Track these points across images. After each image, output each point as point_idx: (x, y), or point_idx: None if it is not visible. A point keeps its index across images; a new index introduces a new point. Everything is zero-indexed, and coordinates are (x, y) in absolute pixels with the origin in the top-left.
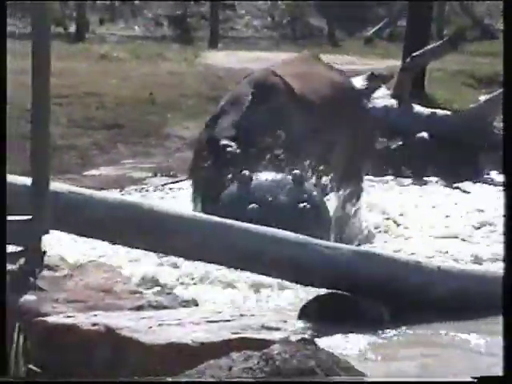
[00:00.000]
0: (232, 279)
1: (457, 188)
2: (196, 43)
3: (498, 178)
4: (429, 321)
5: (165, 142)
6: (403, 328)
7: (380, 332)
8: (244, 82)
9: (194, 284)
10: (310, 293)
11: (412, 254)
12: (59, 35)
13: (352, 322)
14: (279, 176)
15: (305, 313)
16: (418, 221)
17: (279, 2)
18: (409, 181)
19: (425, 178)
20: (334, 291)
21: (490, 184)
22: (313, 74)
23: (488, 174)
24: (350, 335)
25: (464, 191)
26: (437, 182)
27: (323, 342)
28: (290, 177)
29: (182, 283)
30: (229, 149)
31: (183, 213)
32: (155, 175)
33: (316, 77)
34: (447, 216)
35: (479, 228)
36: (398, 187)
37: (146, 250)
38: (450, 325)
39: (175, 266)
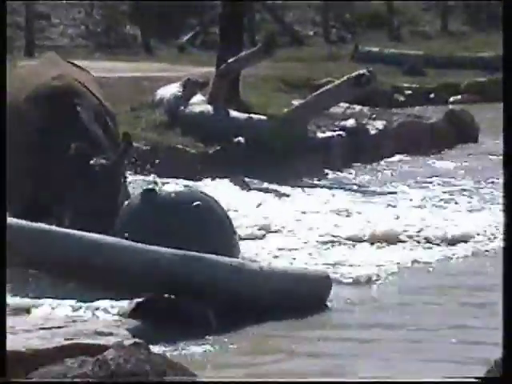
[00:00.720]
0: None
1: (275, 191)
2: (12, 52)
3: (313, 181)
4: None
5: None
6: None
7: (208, 337)
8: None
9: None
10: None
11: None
12: None
13: (180, 325)
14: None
15: (132, 316)
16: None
17: (94, 12)
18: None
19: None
20: (159, 294)
21: (309, 187)
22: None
23: (304, 178)
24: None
25: (283, 194)
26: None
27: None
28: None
29: None
30: None
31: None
32: None
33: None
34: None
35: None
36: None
37: None
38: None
39: None
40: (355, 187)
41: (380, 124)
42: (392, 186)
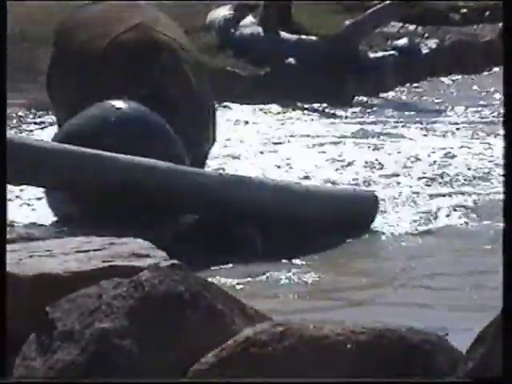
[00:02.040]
0: None
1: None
2: None
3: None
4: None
5: (37, 77)
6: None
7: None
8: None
9: None
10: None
11: None
12: None
13: (224, 249)
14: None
15: (176, 238)
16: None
17: None
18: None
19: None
20: (204, 218)
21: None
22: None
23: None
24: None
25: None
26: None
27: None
28: None
29: None
30: None
31: (52, 144)
32: (29, 110)
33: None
34: None
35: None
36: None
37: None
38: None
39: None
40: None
41: (433, 43)
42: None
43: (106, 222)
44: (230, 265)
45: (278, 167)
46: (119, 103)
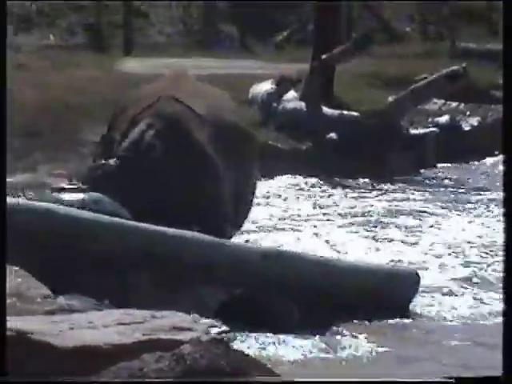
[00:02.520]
0: None
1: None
2: (111, 51)
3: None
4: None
5: (80, 148)
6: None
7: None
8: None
9: None
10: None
11: None
12: None
13: (263, 321)
14: None
15: (217, 313)
16: None
17: (191, 10)
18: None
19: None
20: (245, 291)
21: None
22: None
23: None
24: (262, 336)
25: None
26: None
27: (235, 342)
28: None
29: None
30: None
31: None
32: (71, 181)
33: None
34: None
35: None
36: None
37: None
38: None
39: None
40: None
41: (475, 120)
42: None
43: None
44: (270, 338)
45: (315, 243)
46: None
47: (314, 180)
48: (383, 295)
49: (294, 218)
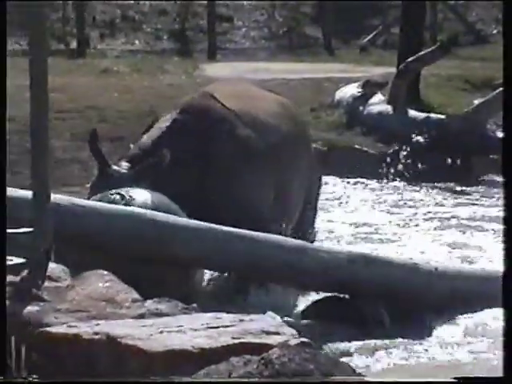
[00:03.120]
0: None
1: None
2: (195, 56)
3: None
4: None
5: None
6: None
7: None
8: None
9: None
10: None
11: None
12: (61, 51)
13: (352, 325)
14: None
15: (305, 316)
16: None
17: (276, 14)
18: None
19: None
20: (333, 294)
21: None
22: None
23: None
24: (350, 340)
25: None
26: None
27: (323, 346)
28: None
29: None
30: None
31: (186, 221)
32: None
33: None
34: None
35: None
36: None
37: (146, 259)
38: None
39: None
40: None
41: None
42: None
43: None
44: (360, 342)
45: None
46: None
47: (398, 183)
48: (475, 298)
49: (389, 220)
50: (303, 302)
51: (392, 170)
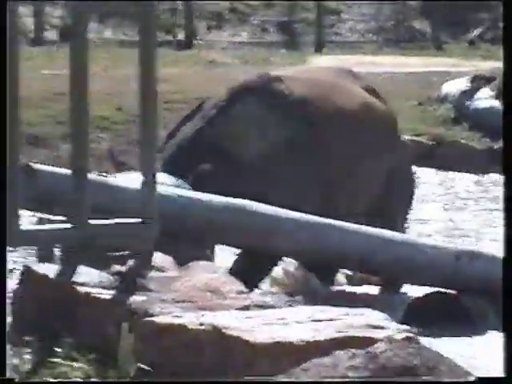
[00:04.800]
0: None
1: None
2: (302, 48)
3: None
4: None
5: None
6: None
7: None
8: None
9: None
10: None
11: None
12: (168, 43)
13: (456, 320)
14: None
15: (409, 311)
16: None
17: (384, 7)
18: None
19: None
20: (437, 289)
21: None
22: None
23: None
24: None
25: None
26: None
27: (428, 341)
28: None
29: None
30: None
31: (286, 213)
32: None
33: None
34: None
35: None
36: None
37: (247, 250)
38: None
39: None
40: None
41: None
42: None
43: None
44: (461, 337)
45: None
46: None
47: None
48: None
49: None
50: (406, 297)
51: (498, 166)
